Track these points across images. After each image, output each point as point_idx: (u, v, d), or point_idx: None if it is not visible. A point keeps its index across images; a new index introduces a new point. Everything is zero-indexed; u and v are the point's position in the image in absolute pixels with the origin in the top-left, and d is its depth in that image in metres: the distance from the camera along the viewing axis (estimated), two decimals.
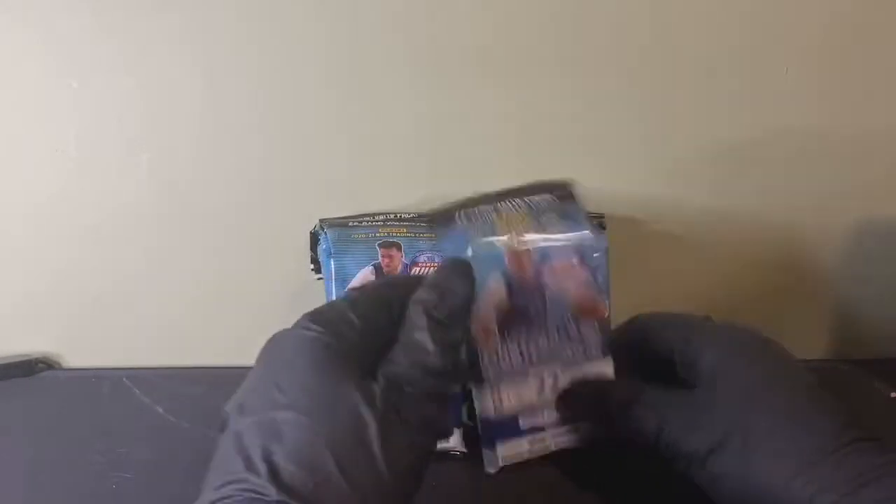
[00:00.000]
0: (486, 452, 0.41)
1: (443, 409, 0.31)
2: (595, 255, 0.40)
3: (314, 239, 0.47)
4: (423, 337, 0.31)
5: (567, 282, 0.40)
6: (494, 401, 0.40)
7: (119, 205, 0.50)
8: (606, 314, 0.41)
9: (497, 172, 0.51)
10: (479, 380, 0.39)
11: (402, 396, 0.29)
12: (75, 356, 0.53)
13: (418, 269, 0.44)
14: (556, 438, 0.41)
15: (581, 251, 0.40)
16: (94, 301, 0.52)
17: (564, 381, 0.40)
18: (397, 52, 0.48)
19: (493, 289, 0.39)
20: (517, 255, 0.39)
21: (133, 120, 0.48)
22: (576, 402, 0.40)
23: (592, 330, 0.40)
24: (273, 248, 0.51)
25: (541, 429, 0.40)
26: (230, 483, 0.26)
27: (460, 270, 0.34)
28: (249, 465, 0.26)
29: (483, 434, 0.40)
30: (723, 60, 0.50)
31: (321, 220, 0.49)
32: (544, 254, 0.40)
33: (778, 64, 0.51)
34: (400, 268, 0.43)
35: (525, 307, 0.39)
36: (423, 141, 0.50)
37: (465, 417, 0.45)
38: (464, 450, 0.45)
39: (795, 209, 0.54)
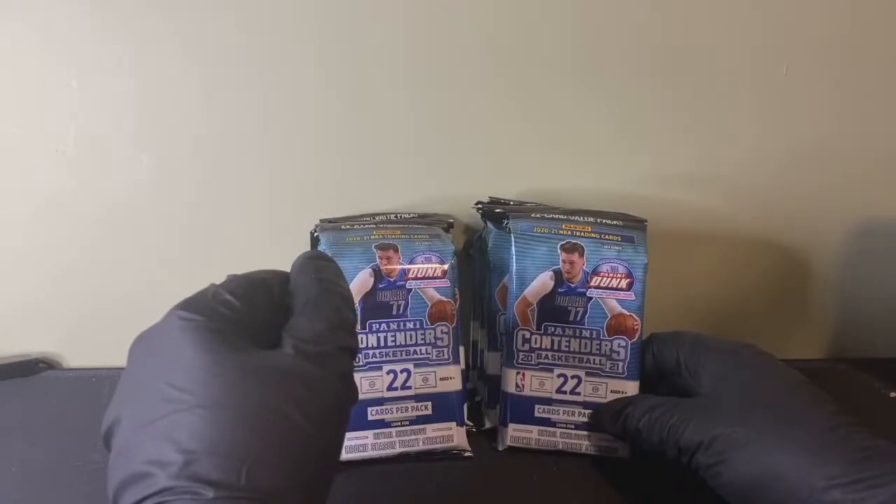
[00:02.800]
0: (500, 429, 0.45)
1: (353, 360, 0.31)
2: (639, 270, 0.44)
3: (315, 239, 0.47)
4: (321, 296, 0.31)
5: (608, 294, 0.44)
6: (517, 380, 0.44)
7: (119, 205, 0.50)
8: (637, 335, 0.44)
9: (496, 173, 0.52)
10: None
11: (316, 357, 0.28)
12: (75, 356, 0.53)
13: (416, 269, 0.43)
14: (564, 439, 0.44)
15: (628, 264, 0.44)
16: (94, 301, 0.52)
17: (586, 388, 0.44)
18: (397, 53, 0.48)
19: (542, 281, 0.44)
20: (570, 257, 0.44)
21: (133, 120, 0.48)
22: (597, 416, 0.44)
23: (623, 349, 0.44)
24: (273, 248, 0.51)
25: (552, 424, 0.44)
26: (152, 496, 0.24)
27: (319, 252, 0.34)
28: (172, 473, 0.24)
29: (501, 412, 0.45)
30: (724, 62, 0.50)
31: (321, 221, 0.49)
32: (595, 262, 0.44)
33: (778, 64, 0.51)
34: (398, 269, 0.43)
35: (566, 309, 0.44)
36: (422, 141, 0.50)
37: (465, 418, 0.45)
38: (469, 452, 0.44)
39: (795, 209, 0.54)
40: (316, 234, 0.47)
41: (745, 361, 0.41)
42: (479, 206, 0.49)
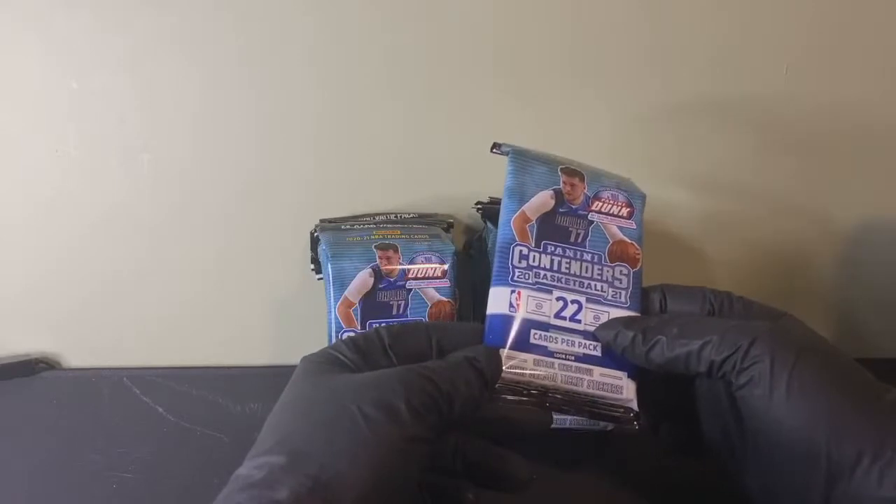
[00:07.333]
0: None
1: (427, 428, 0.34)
2: (639, 200, 0.42)
3: (315, 239, 0.47)
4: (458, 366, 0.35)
5: (610, 220, 0.41)
6: (511, 299, 0.39)
7: (119, 205, 0.50)
8: (639, 265, 0.41)
9: (496, 173, 0.51)
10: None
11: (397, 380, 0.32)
12: (75, 356, 0.53)
13: (416, 269, 0.43)
14: (563, 372, 0.38)
15: (629, 194, 0.42)
16: (94, 301, 0.52)
17: (587, 315, 0.40)
18: (396, 53, 0.48)
19: (542, 199, 0.41)
20: (571, 180, 0.41)
21: (133, 120, 0.48)
22: (609, 324, 0.39)
23: (625, 277, 0.41)
24: (273, 248, 0.51)
25: (549, 353, 0.38)
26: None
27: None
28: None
29: (489, 337, 0.38)
30: (723, 61, 0.50)
31: (321, 221, 0.49)
32: (596, 187, 0.42)
33: (778, 64, 0.51)
34: (398, 269, 0.43)
35: (567, 229, 0.41)
36: (422, 141, 0.50)
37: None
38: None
39: (795, 210, 0.54)
40: (316, 234, 0.47)
41: (793, 324, 0.38)
42: (479, 206, 0.49)
